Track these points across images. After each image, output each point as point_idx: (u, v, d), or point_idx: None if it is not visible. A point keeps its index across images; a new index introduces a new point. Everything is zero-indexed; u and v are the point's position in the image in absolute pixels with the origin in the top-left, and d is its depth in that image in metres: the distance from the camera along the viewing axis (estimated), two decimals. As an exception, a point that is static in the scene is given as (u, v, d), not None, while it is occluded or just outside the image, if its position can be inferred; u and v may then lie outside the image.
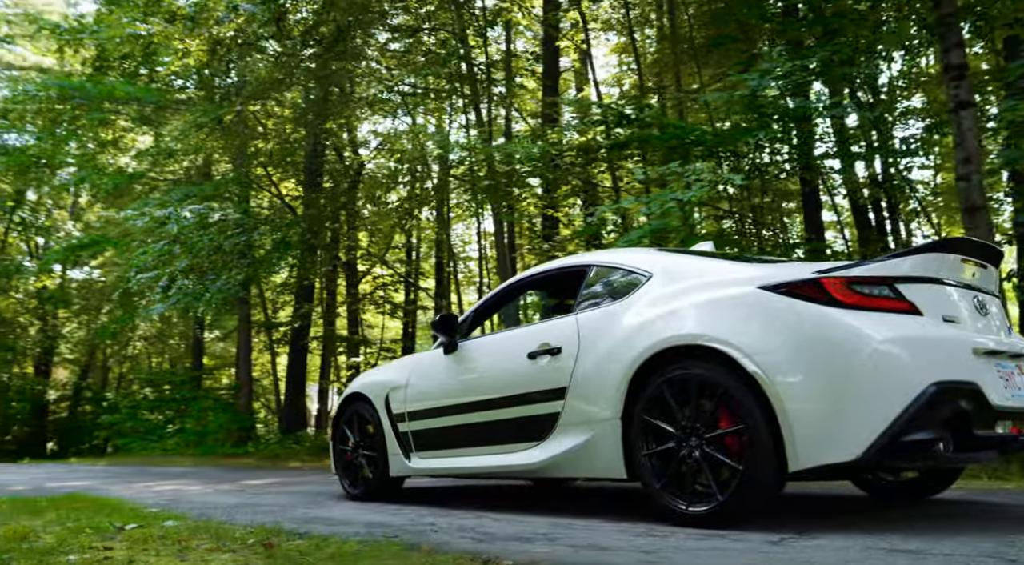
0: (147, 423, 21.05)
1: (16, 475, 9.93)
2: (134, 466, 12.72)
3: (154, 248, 11.02)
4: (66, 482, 8.07)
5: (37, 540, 3.43)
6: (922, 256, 3.06)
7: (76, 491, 6.37)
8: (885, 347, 2.77)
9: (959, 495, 4.20)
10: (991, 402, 2.86)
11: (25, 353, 27.55)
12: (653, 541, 2.79)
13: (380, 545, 2.77)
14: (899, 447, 2.72)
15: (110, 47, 12.28)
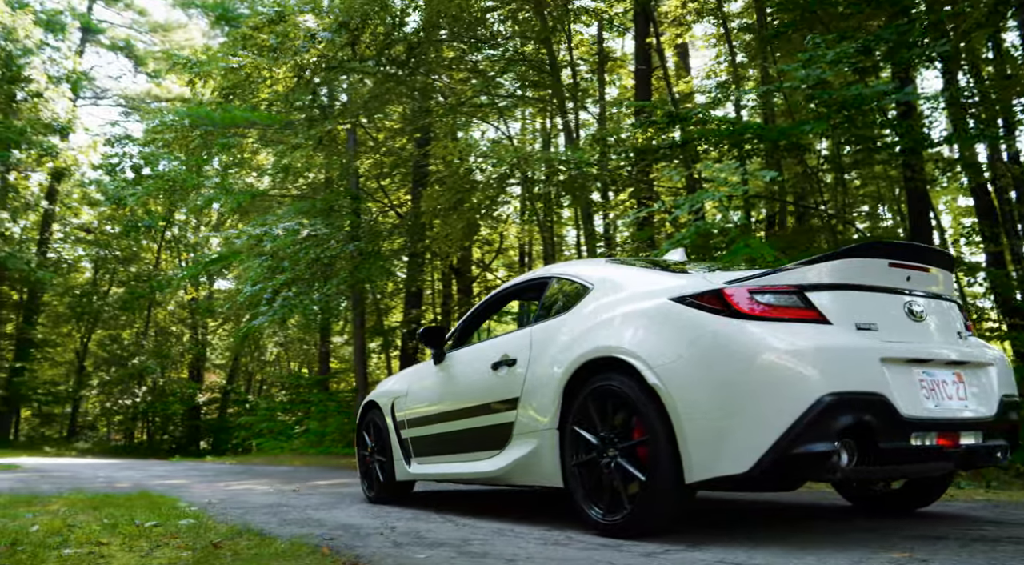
0: (280, 424, 22.62)
1: (136, 472, 11.04)
2: (247, 465, 13.76)
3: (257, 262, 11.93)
4: (164, 480, 8.93)
5: (69, 534, 3.94)
6: (835, 262, 2.95)
7: (157, 489, 7.09)
8: (777, 358, 2.72)
9: (955, 509, 3.95)
10: (901, 413, 2.73)
11: (179, 359, 30.26)
12: (545, 549, 2.88)
13: (292, 547, 3.02)
14: (791, 460, 2.67)
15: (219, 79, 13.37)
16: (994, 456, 3.08)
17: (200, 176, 21.97)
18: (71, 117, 25.99)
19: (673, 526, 3.08)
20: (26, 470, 13.04)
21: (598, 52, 17.88)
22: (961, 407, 2.95)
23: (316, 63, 11.04)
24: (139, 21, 30.63)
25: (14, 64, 24.17)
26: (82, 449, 26.60)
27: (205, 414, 30.70)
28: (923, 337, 3.01)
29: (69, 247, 31.29)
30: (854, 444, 2.71)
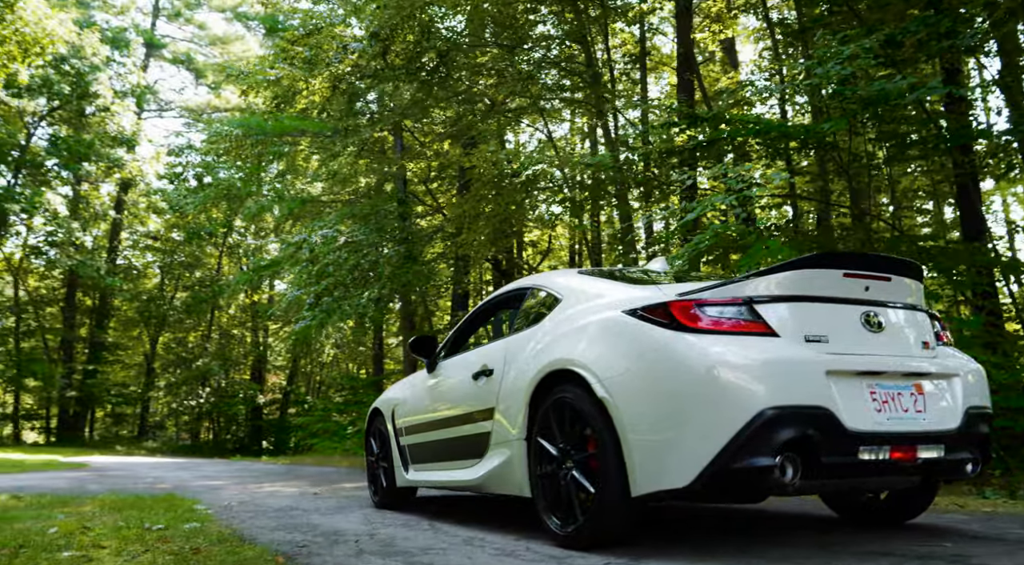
0: (334, 425, 23.13)
1: (186, 472, 11.48)
2: (296, 465, 14.15)
3: (297, 269, 12.27)
4: (207, 481, 9.27)
5: (78, 537, 4.17)
6: (786, 274, 2.92)
7: (194, 490, 7.39)
8: (718, 371, 2.71)
9: (946, 521, 3.84)
10: (846, 427, 2.69)
11: (241, 361, 31.23)
12: (496, 560, 2.93)
13: (258, 555, 3.15)
14: (731, 474, 2.66)
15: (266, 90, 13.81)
16: (962, 469, 3.01)
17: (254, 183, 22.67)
18: (136, 129, 27.10)
19: (625, 538, 3.09)
20: (91, 469, 13.71)
21: (639, 51, 17.77)
22: (918, 420, 2.88)
23: (351, 73, 11.28)
24: (199, 35, 31.77)
25: (83, 81, 25.34)
26: (150, 448, 27.70)
27: (267, 415, 31.61)
28: (879, 348, 2.95)
29: (138, 254, 32.67)
30: (798, 458, 2.68)
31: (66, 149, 26.20)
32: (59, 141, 26.26)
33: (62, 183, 27.70)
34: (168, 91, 33.21)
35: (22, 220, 26.67)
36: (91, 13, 28.43)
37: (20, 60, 21.21)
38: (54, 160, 26.77)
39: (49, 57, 22.34)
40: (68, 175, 27.93)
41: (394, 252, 12.67)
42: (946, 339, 3.32)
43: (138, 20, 30.43)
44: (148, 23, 30.97)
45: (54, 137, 26.55)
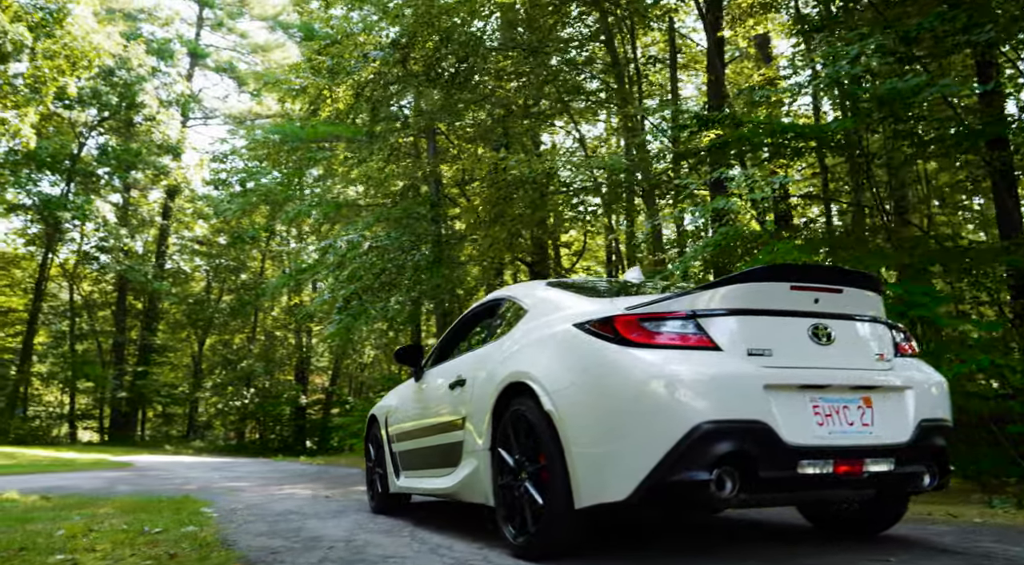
0: (373, 425, 23.47)
1: (218, 473, 11.81)
2: (328, 466, 14.41)
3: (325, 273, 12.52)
4: (233, 482, 9.54)
5: (79, 539, 4.36)
6: (731, 287, 2.92)
7: (216, 492, 7.63)
8: (656, 386, 2.73)
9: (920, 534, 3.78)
10: (785, 441, 2.68)
11: (285, 362, 31.88)
12: (444, 570, 2.99)
13: (222, 561, 3.27)
14: (668, 488, 2.67)
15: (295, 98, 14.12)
16: (916, 482, 2.97)
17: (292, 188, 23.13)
18: (180, 137, 27.87)
19: (576, 548, 3.12)
20: (133, 469, 14.20)
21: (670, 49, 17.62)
22: (864, 433, 2.86)
23: (373, 80, 11.48)
24: (241, 43, 32.52)
25: (130, 91, 26.17)
26: (197, 447, 28.45)
27: (311, 415, 32.21)
28: (827, 361, 2.93)
29: (186, 258, 33.60)
30: (736, 472, 2.69)
31: (115, 158, 27.08)
32: (108, 150, 27.15)
33: (112, 191, 28.62)
34: (212, 99, 34.12)
35: (76, 227, 27.67)
36: (139, 25, 29.33)
37: (69, 73, 21.99)
38: (104, 169, 27.67)
39: (96, 70, 23.09)
40: (118, 183, 28.85)
41: (421, 256, 12.82)
42: (910, 350, 3.28)
43: (183, 31, 31.31)
44: (193, 33, 31.83)
45: (103, 147, 27.46)
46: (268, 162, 23.39)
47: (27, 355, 26.90)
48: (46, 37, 21.10)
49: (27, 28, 20.40)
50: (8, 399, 25.86)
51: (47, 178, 27.28)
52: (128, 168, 27.54)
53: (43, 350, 29.33)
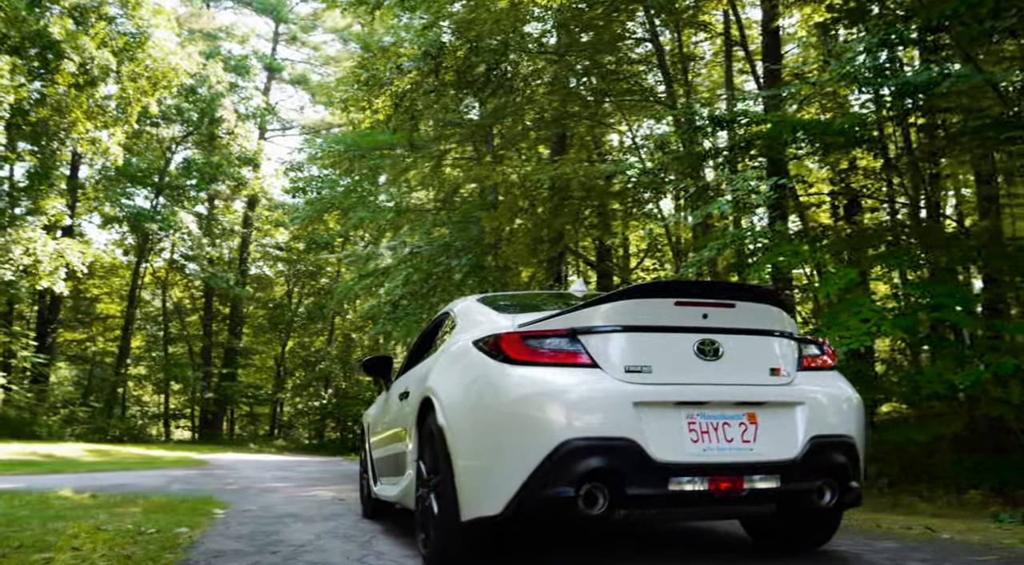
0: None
1: (269, 472, 12.36)
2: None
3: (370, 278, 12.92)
4: (277, 482, 10.00)
5: (87, 535, 4.74)
6: (613, 304, 2.96)
7: (251, 492, 8.05)
8: (527, 403, 2.81)
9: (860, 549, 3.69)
10: (654, 458, 2.71)
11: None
12: (346, 578, 3.15)
13: (172, 559, 3.52)
14: (537, 504, 2.74)
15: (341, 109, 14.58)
16: (811, 499, 2.93)
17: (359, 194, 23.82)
18: (258, 149, 29.10)
19: (476, 560, 3.21)
20: (205, 466, 15.02)
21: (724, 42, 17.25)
22: (744, 450, 2.84)
23: (411, 90, 11.79)
24: (314, 56, 33.68)
25: (210, 107, 27.52)
26: (279, 446, 29.65)
27: (387, 415, 32.97)
28: (710, 377, 2.92)
29: (271, 263, 35.07)
30: (605, 489, 2.72)
31: (197, 171, 28.53)
32: (191, 164, 28.63)
33: (197, 202, 30.16)
34: (288, 111, 35.40)
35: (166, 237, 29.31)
36: (219, 44, 30.78)
37: (151, 94, 23.33)
38: (189, 181, 29.19)
39: (176, 89, 24.42)
40: (202, 194, 30.38)
41: (466, 260, 13.05)
42: (819, 364, 3.21)
43: (260, 46, 32.70)
44: (269, 48, 33.20)
45: (187, 161, 28.98)
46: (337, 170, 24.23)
47: (123, 358, 28.66)
48: (129, 61, 22.45)
49: (112, 53, 21.76)
50: (107, 399, 27.62)
51: (140, 192, 29.06)
52: (211, 180, 28.96)
53: (138, 353, 31.17)
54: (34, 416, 24.32)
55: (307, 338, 33.60)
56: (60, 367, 29.70)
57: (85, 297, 30.69)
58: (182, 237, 28.20)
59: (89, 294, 30.89)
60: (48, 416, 25.30)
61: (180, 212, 27.10)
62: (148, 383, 31.10)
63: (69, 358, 30.64)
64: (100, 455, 20.06)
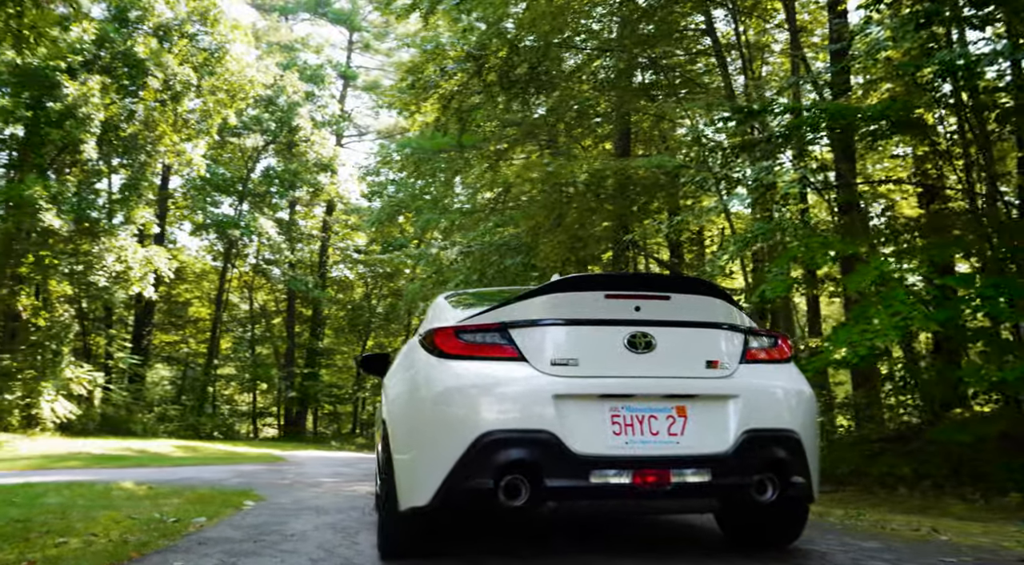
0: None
1: (329, 467, 12.77)
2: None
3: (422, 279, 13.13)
4: (320, 478, 10.33)
5: (113, 523, 5.06)
6: (543, 298, 2.97)
7: (298, 487, 8.36)
8: (451, 396, 2.85)
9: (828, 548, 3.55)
10: (573, 451, 2.70)
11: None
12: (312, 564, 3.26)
13: (158, 545, 3.72)
14: (461, 495, 2.78)
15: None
16: (749, 494, 2.85)
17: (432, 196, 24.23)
18: (333, 155, 29.99)
19: (432, 549, 3.27)
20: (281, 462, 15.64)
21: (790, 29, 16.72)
22: (670, 443, 2.80)
23: (459, 92, 11.96)
24: (387, 63, 34.42)
25: (287, 116, 28.56)
26: (360, 444, 30.48)
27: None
28: (639, 370, 2.88)
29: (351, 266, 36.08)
30: (526, 481, 2.74)
31: (277, 178, 29.65)
32: (271, 172, 29.79)
33: (277, 209, 31.32)
34: (363, 117, 36.32)
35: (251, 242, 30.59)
36: (297, 55, 31.88)
37: (229, 106, 24.39)
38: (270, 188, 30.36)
39: (252, 100, 25.45)
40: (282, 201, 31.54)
41: (519, 259, 13.12)
42: (768, 356, 3.12)
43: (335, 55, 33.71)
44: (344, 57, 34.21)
45: (267, 169, 30.16)
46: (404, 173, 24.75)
47: (212, 359, 30.08)
48: (209, 75, 23.55)
49: (192, 68, 22.88)
50: (198, 398, 29.04)
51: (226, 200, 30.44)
52: (290, 187, 30.04)
53: (227, 354, 32.63)
54: (130, 414, 25.80)
55: (385, 338, 34.41)
56: (156, 367, 31.40)
57: (177, 301, 32.35)
58: (264, 242, 29.36)
59: (181, 298, 32.54)
60: (143, 414, 26.79)
61: (260, 218, 28.20)
62: (236, 383, 32.53)
63: (164, 359, 32.36)
64: (188, 451, 21.15)
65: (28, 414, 21.36)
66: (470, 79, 11.31)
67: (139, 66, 21.79)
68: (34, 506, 6.28)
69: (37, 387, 21.54)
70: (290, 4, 33.64)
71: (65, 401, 22.07)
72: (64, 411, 21.82)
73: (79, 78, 20.87)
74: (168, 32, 23.20)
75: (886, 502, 6.63)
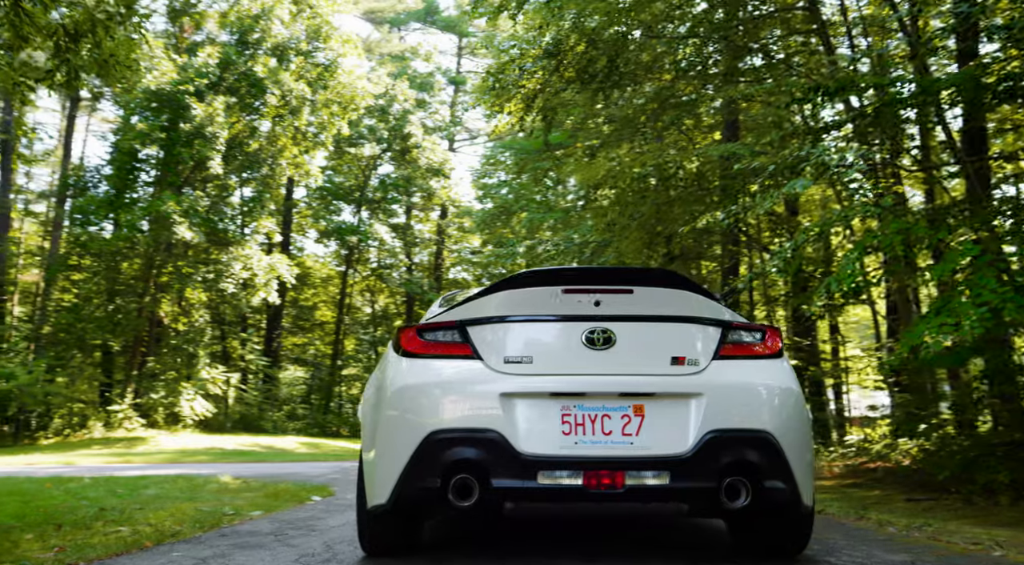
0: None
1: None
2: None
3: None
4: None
5: (181, 513, 5.39)
6: (498, 294, 2.91)
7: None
8: (402, 396, 2.84)
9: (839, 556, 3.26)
10: (519, 451, 2.62)
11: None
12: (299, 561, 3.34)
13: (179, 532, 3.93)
14: (413, 494, 2.76)
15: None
16: (715, 498, 2.65)
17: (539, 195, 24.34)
18: (444, 160, 30.67)
19: (390, 543, 3.25)
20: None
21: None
22: (624, 444, 2.65)
23: (540, 91, 11.91)
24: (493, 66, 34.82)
25: (399, 125, 29.48)
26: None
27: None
28: (596, 367, 2.75)
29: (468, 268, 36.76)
30: (476, 482, 2.68)
31: (391, 185, 30.65)
32: (385, 179, 30.84)
33: (394, 215, 32.38)
34: (475, 120, 36.88)
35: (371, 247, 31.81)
36: (407, 63, 32.84)
37: (343, 117, 25.45)
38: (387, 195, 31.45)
39: (362, 110, 26.42)
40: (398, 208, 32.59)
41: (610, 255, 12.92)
42: (749, 351, 2.89)
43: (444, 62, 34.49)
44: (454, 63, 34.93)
45: (383, 176, 31.25)
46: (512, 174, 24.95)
47: (336, 360, 31.49)
48: (322, 89, 24.67)
49: (307, 84, 24.04)
50: (324, 397, 30.47)
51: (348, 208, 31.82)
52: (405, 193, 30.99)
53: (351, 354, 34.03)
54: (262, 412, 27.41)
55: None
56: (287, 368, 33.19)
57: (305, 305, 34.07)
58: (381, 248, 30.43)
59: (308, 302, 34.24)
60: (274, 412, 28.39)
61: (375, 224, 29.24)
62: (359, 383, 33.89)
63: (293, 361, 34.15)
64: (310, 447, 22.27)
65: (171, 412, 23.13)
66: (550, 76, 11.26)
67: (259, 85, 23.11)
68: (130, 497, 6.78)
69: (178, 387, 23.30)
70: (401, 15, 34.69)
71: (203, 400, 23.74)
72: (202, 409, 23.48)
73: (206, 99, 22.40)
74: (285, 51, 24.48)
75: (982, 514, 6.04)
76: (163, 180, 23.84)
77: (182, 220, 21.40)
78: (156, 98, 22.37)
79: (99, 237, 23.43)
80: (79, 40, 6.39)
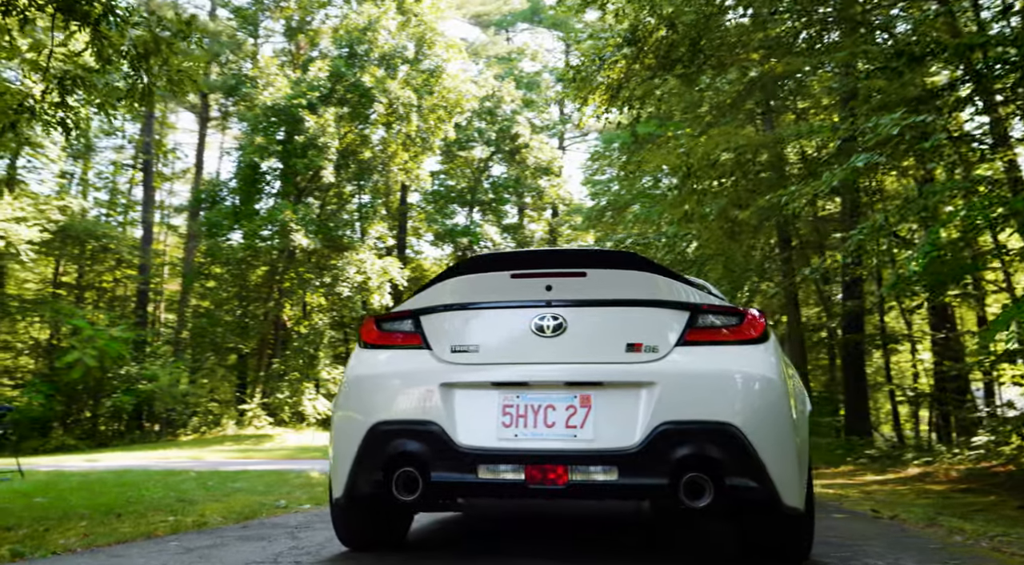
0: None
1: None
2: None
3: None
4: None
5: (228, 502, 5.61)
6: (448, 282, 2.79)
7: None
8: (354, 387, 2.79)
9: None
10: (457, 443, 2.50)
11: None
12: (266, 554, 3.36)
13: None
14: (362, 487, 2.69)
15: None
16: (669, 496, 2.41)
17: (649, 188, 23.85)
18: (552, 158, 30.62)
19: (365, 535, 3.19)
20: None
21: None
22: (567, 436, 2.45)
23: (626, 80, 11.62)
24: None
25: (506, 125, 29.72)
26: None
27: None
28: (543, 356, 2.57)
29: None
30: (417, 474, 2.57)
31: (502, 185, 30.93)
32: (495, 180, 31.16)
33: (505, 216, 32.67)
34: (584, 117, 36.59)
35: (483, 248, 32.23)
36: (515, 64, 33.04)
37: (449, 120, 25.91)
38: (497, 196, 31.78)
39: (468, 113, 26.79)
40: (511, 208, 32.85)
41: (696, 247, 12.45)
42: (722, 336, 2.62)
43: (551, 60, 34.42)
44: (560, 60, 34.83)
45: (493, 178, 31.61)
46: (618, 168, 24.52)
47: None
48: (428, 95, 25.21)
49: (413, 91, 24.64)
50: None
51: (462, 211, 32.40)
52: (516, 193, 31.20)
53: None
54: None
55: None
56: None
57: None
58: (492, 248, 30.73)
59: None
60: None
61: (485, 225, 29.57)
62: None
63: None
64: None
65: (296, 411, 24.31)
66: (632, 65, 10.95)
67: (367, 94, 23.91)
68: (219, 489, 7.10)
69: (301, 387, 24.47)
70: (507, 17, 34.92)
71: (324, 400, 24.80)
72: (324, 408, 24.54)
73: (318, 111, 23.42)
74: (392, 60, 25.20)
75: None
76: (282, 190, 25.14)
77: (299, 228, 22.45)
78: (273, 113, 23.60)
79: (227, 246, 24.96)
80: (149, 58, 6.76)
